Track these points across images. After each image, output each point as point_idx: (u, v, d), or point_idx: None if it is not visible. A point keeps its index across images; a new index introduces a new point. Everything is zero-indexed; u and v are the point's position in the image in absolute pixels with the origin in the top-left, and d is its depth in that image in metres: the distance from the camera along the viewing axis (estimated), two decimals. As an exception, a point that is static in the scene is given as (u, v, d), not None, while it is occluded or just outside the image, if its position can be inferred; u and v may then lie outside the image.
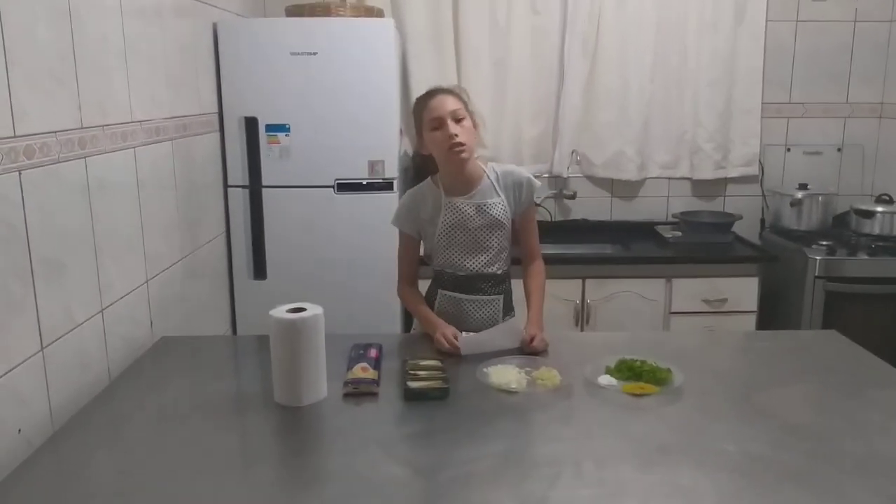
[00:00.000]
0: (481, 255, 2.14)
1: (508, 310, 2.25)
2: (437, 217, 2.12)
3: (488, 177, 2.14)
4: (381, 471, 1.39)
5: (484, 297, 2.17)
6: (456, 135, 1.99)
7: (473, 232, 2.12)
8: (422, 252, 2.25)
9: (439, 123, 2.01)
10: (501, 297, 2.20)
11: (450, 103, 2.02)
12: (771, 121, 3.66)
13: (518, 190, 2.15)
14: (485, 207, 2.11)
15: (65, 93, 1.71)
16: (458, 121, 2.02)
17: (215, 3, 2.77)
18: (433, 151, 2.08)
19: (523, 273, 2.25)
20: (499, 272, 2.18)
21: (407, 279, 2.22)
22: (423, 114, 2.06)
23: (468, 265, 2.14)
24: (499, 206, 2.13)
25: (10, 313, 1.50)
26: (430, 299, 2.23)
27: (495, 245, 2.15)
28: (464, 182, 2.11)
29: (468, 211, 2.11)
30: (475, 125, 2.08)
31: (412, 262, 2.22)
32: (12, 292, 1.50)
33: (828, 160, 3.70)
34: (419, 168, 2.21)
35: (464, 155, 2.03)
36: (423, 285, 2.28)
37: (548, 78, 3.52)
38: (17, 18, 1.53)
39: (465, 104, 2.07)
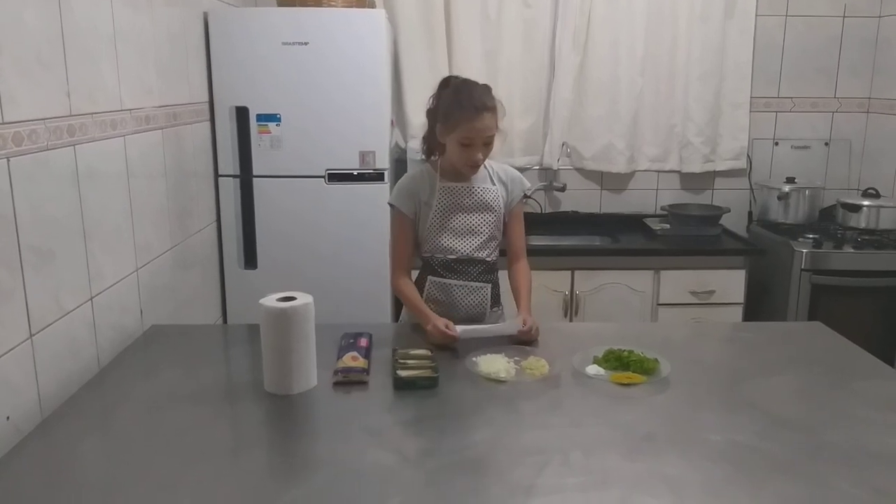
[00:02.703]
0: (472, 237, 2.17)
1: (496, 302, 2.26)
2: (432, 199, 2.15)
3: (485, 168, 2.20)
4: (370, 459, 1.40)
5: (473, 283, 2.19)
6: (478, 159, 2.05)
7: (466, 214, 2.16)
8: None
9: (471, 143, 2.03)
10: (489, 286, 2.22)
11: (489, 128, 2.02)
12: (759, 115, 3.68)
13: (510, 185, 2.22)
14: (478, 191, 2.17)
15: (53, 80, 1.70)
16: (486, 144, 2.05)
17: (206, -9, 2.76)
18: (449, 150, 2.09)
19: (509, 270, 2.27)
20: (488, 259, 2.20)
21: (402, 267, 2.19)
22: (459, 122, 2.00)
23: (458, 248, 2.17)
24: (491, 192, 2.18)
25: (-1, 301, 1.49)
26: (419, 287, 2.24)
27: (486, 230, 2.18)
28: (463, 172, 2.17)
29: (462, 193, 2.16)
30: (498, 129, 2.10)
31: (407, 247, 2.19)
32: (1, 280, 1.50)
33: (815, 154, 3.72)
34: (431, 148, 2.19)
35: (473, 174, 2.13)
36: (414, 276, 2.28)
37: (538, 71, 3.53)
38: (4, 4, 1.51)
39: (497, 121, 2.07)
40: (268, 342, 1.67)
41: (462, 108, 2.00)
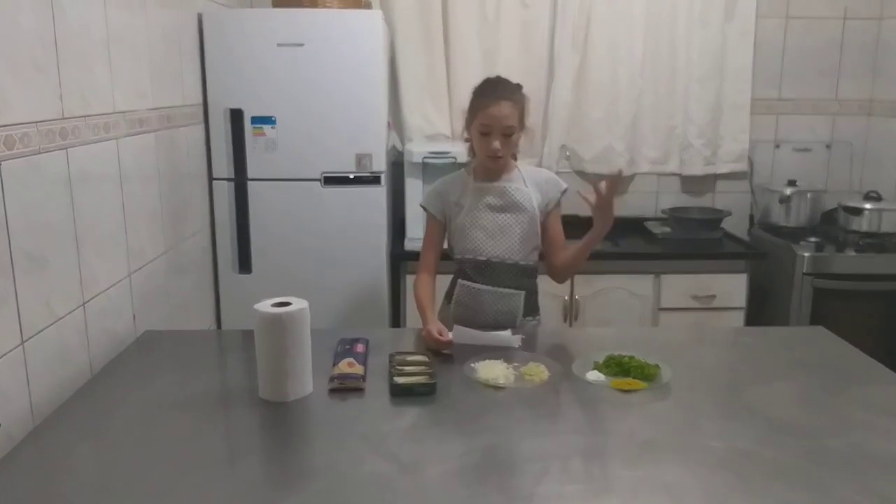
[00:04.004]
0: (503, 238, 2.15)
1: (532, 310, 2.23)
2: (464, 198, 2.16)
3: (519, 171, 2.21)
4: (366, 466, 1.38)
5: (503, 289, 2.16)
6: (497, 149, 2.05)
7: (496, 213, 2.15)
8: (446, 245, 2.26)
9: (488, 131, 2.05)
10: (522, 293, 2.18)
11: (506, 117, 2.04)
12: (760, 117, 3.66)
13: (545, 186, 2.20)
14: (508, 191, 2.16)
15: (46, 83, 1.68)
16: (507, 135, 2.06)
17: (200, -7, 2.74)
18: (473, 143, 2.13)
19: (556, 262, 2.23)
20: (521, 263, 2.17)
21: (424, 268, 2.21)
22: (478, 112, 2.07)
23: (488, 248, 2.15)
24: (523, 193, 2.17)
25: (-11, 306, 1.47)
26: (450, 291, 2.23)
27: (517, 230, 2.15)
28: (495, 172, 2.18)
29: (493, 192, 2.16)
30: (523, 125, 2.11)
31: (432, 247, 2.22)
32: (-9, 285, 1.48)
33: (817, 157, 3.71)
34: (472, 146, 2.22)
35: (498, 166, 2.12)
36: (447, 280, 2.28)
37: (537, 72, 3.51)
38: (-4, 6, 1.50)
39: (522, 114, 2.09)
40: (262, 348, 1.65)
41: (482, 96, 2.07)
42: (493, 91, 2.07)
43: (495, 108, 2.03)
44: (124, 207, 2.07)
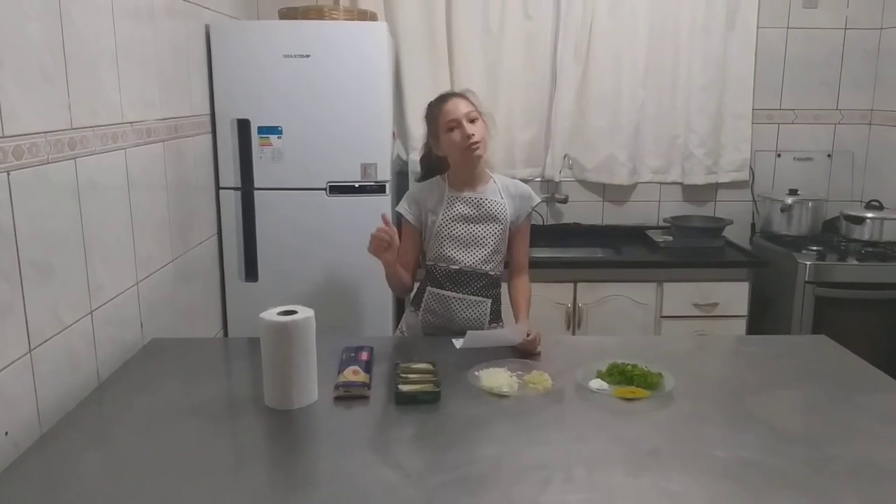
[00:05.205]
0: (477, 249, 2.17)
1: (496, 317, 2.26)
2: (439, 207, 2.19)
3: (494, 182, 2.24)
4: (371, 474, 1.39)
5: (472, 297, 2.19)
6: (472, 134, 2.09)
7: (472, 224, 2.18)
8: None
9: (456, 124, 2.10)
10: (490, 300, 2.21)
11: (463, 106, 2.12)
12: (762, 127, 3.68)
13: (519, 200, 2.24)
14: (484, 202, 2.19)
15: (55, 93, 1.69)
16: (472, 121, 2.11)
17: (208, 4, 2.76)
18: (449, 151, 2.16)
19: (509, 284, 2.30)
20: (491, 273, 2.20)
21: (406, 269, 2.23)
22: (438, 117, 2.14)
23: (462, 258, 2.17)
24: (499, 204, 2.20)
25: (-2, 315, 1.48)
26: (418, 297, 2.25)
27: (491, 242, 2.18)
28: (471, 181, 2.21)
29: (468, 203, 2.19)
30: (486, 125, 2.17)
31: (408, 253, 2.23)
32: (0, 294, 1.49)
33: (818, 166, 3.72)
34: (430, 169, 2.28)
35: (478, 152, 2.14)
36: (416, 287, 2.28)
37: (540, 83, 3.53)
38: (6, 17, 1.51)
39: (476, 106, 2.16)
40: (268, 356, 1.66)
41: (436, 103, 2.18)
42: (444, 96, 2.18)
43: (451, 103, 2.12)
44: (132, 216, 2.08)
